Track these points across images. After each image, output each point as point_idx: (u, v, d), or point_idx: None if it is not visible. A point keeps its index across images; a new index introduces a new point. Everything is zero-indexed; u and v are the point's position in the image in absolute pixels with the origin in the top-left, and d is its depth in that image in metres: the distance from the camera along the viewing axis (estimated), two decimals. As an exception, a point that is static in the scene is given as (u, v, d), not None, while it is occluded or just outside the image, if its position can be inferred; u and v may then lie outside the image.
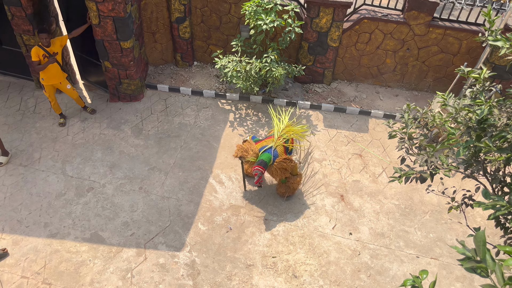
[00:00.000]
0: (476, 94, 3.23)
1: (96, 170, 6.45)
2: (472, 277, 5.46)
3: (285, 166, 5.62)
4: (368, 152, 7.05)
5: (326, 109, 7.80)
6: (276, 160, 5.61)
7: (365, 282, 5.34)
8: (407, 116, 3.68)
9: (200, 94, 7.92)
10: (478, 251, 1.57)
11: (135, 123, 7.28)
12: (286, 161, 5.62)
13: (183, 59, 8.33)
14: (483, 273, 1.55)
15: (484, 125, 3.00)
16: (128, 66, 7.11)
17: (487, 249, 1.55)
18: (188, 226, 5.79)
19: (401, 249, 5.73)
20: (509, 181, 3.02)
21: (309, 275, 5.37)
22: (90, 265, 5.31)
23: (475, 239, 1.61)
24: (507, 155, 2.75)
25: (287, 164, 5.62)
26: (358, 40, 7.69)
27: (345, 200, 6.29)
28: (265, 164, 5.53)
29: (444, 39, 7.42)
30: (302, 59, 7.93)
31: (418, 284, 1.76)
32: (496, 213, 2.55)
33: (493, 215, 2.61)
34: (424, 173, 3.28)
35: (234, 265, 5.41)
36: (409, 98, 8.13)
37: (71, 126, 7.14)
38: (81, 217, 5.82)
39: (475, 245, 1.60)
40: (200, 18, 7.84)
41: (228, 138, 7.10)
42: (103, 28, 6.55)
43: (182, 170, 6.52)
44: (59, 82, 6.73)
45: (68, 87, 6.86)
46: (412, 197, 6.38)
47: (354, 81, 8.41)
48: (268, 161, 5.56)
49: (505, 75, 7.24)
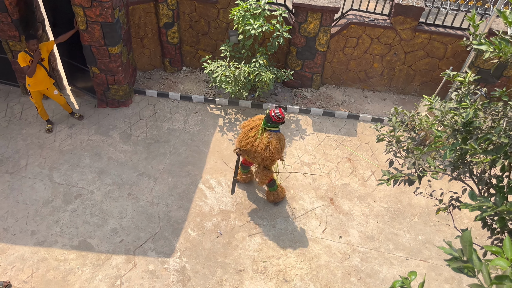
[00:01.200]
0: (462, 98, 3.28)
1: (84, 176, 6.38)
2: (461, 278, 5.52)
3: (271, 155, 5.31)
4: (357, 155, 7.10)
5: (315, 113, 7.84)
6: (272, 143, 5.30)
7: (356, 285, 5.36)
8: (395, 119, 3.73)
9: (189, 99, 7.90)
10: (465, 251, 1.59)
11: (123, 128, 7.23)
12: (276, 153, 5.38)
13: (172, 64, 8.32)
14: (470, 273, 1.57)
15: (470, 127, 3.05)
16: (116, 72, 7.07)
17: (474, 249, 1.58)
18: (178, 232, 5.76)
19: (390, 252, 5.76)
20: (495, 182, 3.07)
21: (300, 279, 5.37)
22: (79, 273, 5.24)
23: (462, 240, 1.63)
24: (492, 157, 2.80)
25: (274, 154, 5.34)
26: (345, 45, 7.77)
27: (335, 203, 6.31)
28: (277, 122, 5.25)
29: (430, 44, 7.53)
30: (291, 63, 7.97)
31: (407, 285, 1.78)
32: (483, 214, 2.58)
33: (479, 216, 2.65)
34: (412, 176, 3.32)
35: (225, 270, 5.39)
36: (396, 102, 8.21)
37: (58, 133, 7.06)
38: (69, 224, 5.75)
39: (461, 245, 1.62)
40: (188, 23, 7.85)
41: (217, 143, 7.09)
42: (91, 34, 6.52)
43: (172, 175, 6.49)
44: (46, 88, 6.65)
45: (55, 93, 6.78)
46: (401, 200, 6.44)
47: (343, 86, 8.48)
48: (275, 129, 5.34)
49: (490, 79, 7.37)
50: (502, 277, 1.42)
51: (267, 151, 5.29)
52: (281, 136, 5.37)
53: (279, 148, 5.32)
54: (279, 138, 5.33)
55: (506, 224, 2.79)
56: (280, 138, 5.34)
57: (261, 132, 5.36)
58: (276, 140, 5.29)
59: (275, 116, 5.20)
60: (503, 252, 1.66)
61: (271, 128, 5.32)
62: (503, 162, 2.79)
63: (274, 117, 5.20)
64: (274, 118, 5.20)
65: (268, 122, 5.27)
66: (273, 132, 5.32)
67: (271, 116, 5.22)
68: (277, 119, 5.21)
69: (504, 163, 2.81)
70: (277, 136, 5.32)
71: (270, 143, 5.27)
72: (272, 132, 5.32)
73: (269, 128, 5.33)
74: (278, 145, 5.30)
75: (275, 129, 5.34)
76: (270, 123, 5.27)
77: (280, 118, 5.22)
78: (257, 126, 5.46)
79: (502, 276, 1.42)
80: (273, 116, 5.20)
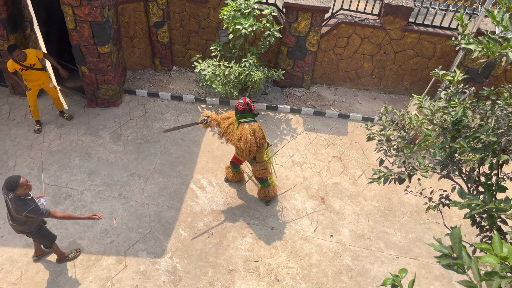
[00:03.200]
0: (450, 96, 3.31)
1: (73, 177, 6.32)
2: (450, 275, 5.57)
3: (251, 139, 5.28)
4: (348, 155, 7.13)
5: (306, 113, 7.86)
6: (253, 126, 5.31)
7: (347, 283, 5.38)
8: (385, 118, 3.75)
9: (180, 99, 7.87)
10: (455, 248, 1.61)
11: (113, 129, 7.17)
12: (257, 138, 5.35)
13: (162, 64, 8.28)
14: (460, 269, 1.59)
15: (459, 126, 3.08)
16: (105, 71, 7.02)
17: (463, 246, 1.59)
18: (169, 232, 5.73)
19: (381, 250, 5.80)
20: (484, 180, 3.10)
21: (291, 278, 5.38)
22: (69, 274, 5.18)
23: (451, 237, 1.65)
24: (481, 155, 2.83)
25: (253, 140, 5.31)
26: (336, 45, 7.80)
27: (326, 202, 6.34)
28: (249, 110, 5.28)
29: (419, 43, 7.59)
30: (281, 63, 7.98)
31: (398, 282, 1.79)
32: (472, 212, 2.61)
33: (468, 214, 2.67)
34: (402, 174, 3.34)
35: (216, 270, 5.38)
36: (386, 101, 8.27)
37: (47, 133, 6.99)
38: (59, 225, 5.68)
39: (451, 242, 1.64)
40: (178, 22, 7.81)
41: (208, 143, 7.07)
42: (80, 33, 6.45)
43: (162, 175, 6.45)
44: (42, 83, 6.63)
45: (51, 85, 6.77)
46: (391, 198, 6.48)
47: (333, 85, 8.51)
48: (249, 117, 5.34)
49: (478, 78, 7.45)
50: (491, 273, 1.43)
51: (241, 142, 5.32)
52: (253, 125, 5.32)
53: (251, 138, 5.28)
54: (251, 128, 5.29)
55: (495, 221, 2.83)
56: (252, 127, 5.29)
57: (236, 126, 5.39)
58: (248, 129, 5.28)
59: (239, 105, 5.22)
60: (492, 249, 1.67)
61: (244, 119, 5.33)
62: (491, 160, 2.82)
63: (239, 106, 5.23)
64: (240, 107, 5.23)
65: (237, 113, 5.31)
66: (246, 123, 5.32)
67: (236, 106, 5.26)
68: (243, 107, 5.23)
69: (492, 161, 2.84)
70: (250, 126, 5.29)
71: (242, 134, 5.31)
72: (245, 123, 5.32)
73: (242, 120, 5.33)
74: (250, 135, 5.27)
75: (248, 119, 5.33)
76: (239, 113, 5.30)
77: (244, 105, 5.22)
78: (232, 121, 5.51)
79: (491, 272, 1.44)
80: (238, 106, 5.23)
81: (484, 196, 2.70)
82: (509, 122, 3.00)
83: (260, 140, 5.36)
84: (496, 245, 1.63)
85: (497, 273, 1.43)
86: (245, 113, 5.29)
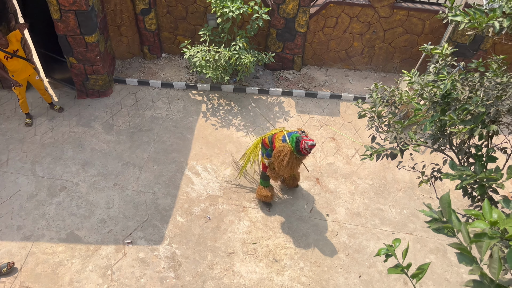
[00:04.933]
0: (439, 70, 3.33)
1: (68, 169, 6.31)
2: (445, 248, 5.68)
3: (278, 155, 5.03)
4: (341, 135, 7.17)
5: (298, 95, 7.86)
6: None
7: (344, 261, 5.47)
8: (375, 95, 3.76)
9: (170, 86, 7.82)
10: (444, 212, 1.65)
11: (105, 119, 7.14)
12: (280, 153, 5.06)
13: (151, 52, 8.20)
14: (450, 233, 1.62)
15: (448, 99, 3.11)
16: (94, 61, 6.95)
17: (453, 210, 1.63)
18: (166, 219, 5.76)
19: (377, 227, 5.88)
20: (474, 152, 3.14)
21: (290, 258, 5.46)
22: (68, 265, 5.22)
23: (441, 201, 1.68)
24: (470, 126, 2.86)
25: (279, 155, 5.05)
26: (325, 25, 7.76)
27: (321, 183, 6.39)
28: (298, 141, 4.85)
29: (408, 20, 7.58)
30: (271, 46, 7.94)
31: (392, 252, 1.83)
32: (463, 182, 2.65)
33: (460, 185, 2.72)
34: (394, 150, 3.37)
35: (215, 254, 5.44)
36: (377, 80, 8.28)
37: (39, 126, 6.94)
38: (55, 217, 5.69)
39: (441, 207, 1.67)
40: (165, 9, 7.72)
41: (201, 129, 7.07)
42: (65, 23, 6.36)
43: (157, 163, 6.46)
44: (28, 75, 6.55)
45: (36, 78, 6.69)
46: (385, 176, 6.55)
47: (324, 66, 8.50)
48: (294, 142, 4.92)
49: (468, 53, 7.47)
50: (480, 235, 1.47)
51: None
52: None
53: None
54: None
55: (485, 191, 2.88)
56: None
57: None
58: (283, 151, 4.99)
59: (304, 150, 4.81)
60: (482, 215, 1.71)
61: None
62: (481, 131, 2.86)
63: (303, 150, 4.81)
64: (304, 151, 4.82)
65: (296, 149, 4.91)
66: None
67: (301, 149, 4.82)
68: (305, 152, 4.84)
69: (482, 132, 2.87)
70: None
71: None
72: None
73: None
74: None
75: None
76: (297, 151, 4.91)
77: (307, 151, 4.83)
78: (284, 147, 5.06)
79: (480, 234, 1.48)
80: (302, 149, 4.81)
81: (475, 167, 2.74)
82: (498, 93, 3.03)
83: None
84: (486, 211, 1.67)
85: (486, 235, 1.47)
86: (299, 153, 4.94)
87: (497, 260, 1.44)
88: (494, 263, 1.45)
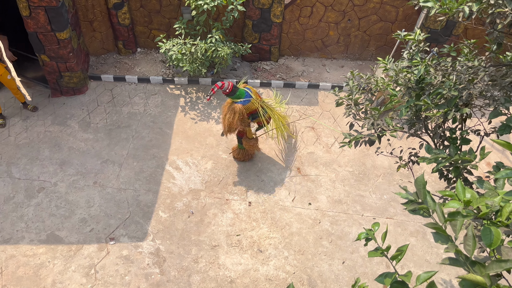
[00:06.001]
0: (413, 56, 3.38)
1: (45, 169, 6.18)
2: (424, 231, 5.82)
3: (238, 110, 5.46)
4: (320, 124, 7.22)
5: (276, 86, 7.87)
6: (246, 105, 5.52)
7: (328, 248, 5.55)
8: (352, 83, 3.80)
9: (147, 81, 7.72)
10: (419, 193, 1.69)
11: (81, 117, 7.01)
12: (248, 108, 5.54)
13: (126, 47, 8.06)
14: (425, 213, 1.67)
15: (422, 84, 3.17)
16: (67, 58, 6.79)
17: (427, 191, 1.67)
18: (148, 215, 5.72)
19: (358, 213, 5.98)
20: (449, 135, 3.22)
21: (274, 248, 5.50)
22: (50, 266, 5.14)
23: (416, 183, 1.73)
24: (444, 110, 2.93)
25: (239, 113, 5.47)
26: (300, 15, 7.77)
27: (302, 172, 6.44)
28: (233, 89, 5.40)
29: (382, 8, 7.66)
30: (248, 37, 7.91)
31: (371, 235, 1.87)
32: (439, 165, 2.72)
33: (436, 168, 2.78)
34: (372, 136, 3.43)
35: (200, 247, 5.44)
36: (354, 68, 8.36)
37: (12, 126, 6.76)
38: (35, 219, 5.59)
39: (416, 188, 1.72)
40: (139, 2, 7.59)
41: (180, 123, 7.02)
42: (35, 20, 6.19)
43: (137, 160, 6.39)
44: (0, 75, 6.36)
45: (8, 77, 6.50)
46: (365, 162, 6.65)
47: (301, 56, 8.52)
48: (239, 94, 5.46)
49: (440, 39, 7.61)
50: (454, 213, 1.52)
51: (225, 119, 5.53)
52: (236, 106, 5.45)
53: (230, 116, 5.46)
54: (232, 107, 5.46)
55: (460, 173, 2.96)
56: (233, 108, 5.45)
57: None
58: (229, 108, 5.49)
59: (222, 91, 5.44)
60: (456, 195, 1.76)
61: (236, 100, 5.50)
62: (454, 114, 2.93)
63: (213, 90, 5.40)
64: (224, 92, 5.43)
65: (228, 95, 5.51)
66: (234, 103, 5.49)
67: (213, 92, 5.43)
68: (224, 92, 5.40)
69: (455, 115, 2.94)
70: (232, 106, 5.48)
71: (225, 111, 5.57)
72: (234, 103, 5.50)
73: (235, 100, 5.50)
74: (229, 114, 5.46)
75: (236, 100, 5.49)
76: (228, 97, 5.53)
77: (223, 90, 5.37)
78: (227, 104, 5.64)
79: (454, 212, 1.52)
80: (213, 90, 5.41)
81: (450, 150, 2.81)
82: (469, 77, 3.10)
83: (236, 122, 5.45)
84: (460, 191, 1.71)
85: (460, 213, 1.51)
86: (231, 95, 5.43)
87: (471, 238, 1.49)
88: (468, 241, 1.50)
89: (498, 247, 1.55)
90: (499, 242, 1.48)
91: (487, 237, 1.49)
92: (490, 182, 2.46)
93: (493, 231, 1.49)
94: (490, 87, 2.98)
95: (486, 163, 6.70)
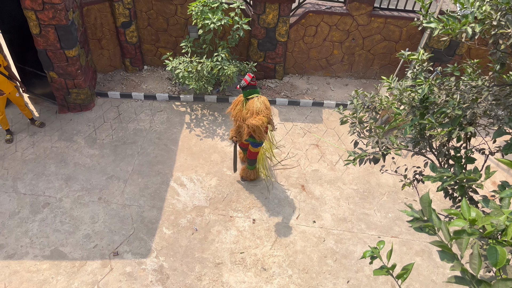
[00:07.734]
0: (417, 75, 3.42)
1: (50, 184, 6.21)
2: (430, 250, 5.76)
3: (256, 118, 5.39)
4: (324, 141, 7.25)
5: (281, 103, 7.93)
6: None
7: (332, 266, 5.50)
8: (356, 101, 3.84)
9: (153, 98, 7.81)
10: (425, 211, 1.70)
11: (88, 133, 7.07)
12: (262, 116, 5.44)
13: (133, 64, 8.19)
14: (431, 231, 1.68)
15: (426, 103, 3.20)
16: (75, 75, 6.90)
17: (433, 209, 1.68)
18: (152, 232, 5.72)
19: (363, 232, 5.94)
20: (453, 153, 3.23)
21: (278, 266, 5.46)
22: (53, 282, 5.12)
23: (421, 201, 1.74)
24: (448, 129, 2.94)
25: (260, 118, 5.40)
26: (305, 34, 7.88)
27: (306, 189, 6.44)
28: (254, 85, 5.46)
29: (386, 28, 7.76)
30: (253, 55, 8.02)
31: (377, 253, 1.87)
32: (444, 184, 2.72)
33: (441, 186, 2.78)
34: (376, 154, 3.44)
35: (203, 265, 5.41)
36: (358, 86, 8.42)
37: (19, 142, 6.83)
38: (39, 234, 5.59)
39: (421, 206, 1.72)
40: (146, 21, 7.74)
41: (185, 140, 7.06)
42: (45, 38, 6.32)
43: (142, 176, 6.42)
44: (8, 92, 6.46)
45: (17, 95, 6.61)
46: (369, 180, 6.63)
47: (305, 74, 8.61)
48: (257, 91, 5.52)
49: (444, 58, 7.67)
50: (460, 232, 1.52)
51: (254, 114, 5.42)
52: (261, 97, 5.49)
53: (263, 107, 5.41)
54: (261, 99, 5.46)
55: (466, 192, 2.96)
56: (261, 99, 5.46)
57: (245, 103, 5.59)
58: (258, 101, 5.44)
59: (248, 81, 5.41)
60: (461, 214, 1.77)
61: (252, 95, 5.50)
62: (458, 133, 2.95)
63: (248, 81, 5.40)
64: (249, 82, 5.41)
65: (246, 89, 5.48)
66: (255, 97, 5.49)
67: (245, 82, 5.41)
68: (251, 82, 5.43)
69: (460, 134, 2.96)
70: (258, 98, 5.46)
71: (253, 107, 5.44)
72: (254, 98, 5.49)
73: (251, 96, 5.50)
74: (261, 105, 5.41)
75: (256, 95, 5.51)
76: (248, 89, 5.48)
77: (252, 79, 5.43)
78: (239, 101, 5.70)
79: (460, 231, 1.53)
80: (247, 81, 5.41)
81: (455, 168, 2.82)
82: (473, 96, 3.13)
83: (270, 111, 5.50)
84: (465, 210, 1.72)
85: (465, 231, 1.52)
86: (253, 88, 5.49)
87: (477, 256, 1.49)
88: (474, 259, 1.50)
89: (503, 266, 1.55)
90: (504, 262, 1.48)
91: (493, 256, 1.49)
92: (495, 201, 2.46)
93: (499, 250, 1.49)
94: (494, 106, 3.00)
95: (491, 182, 6.67)
